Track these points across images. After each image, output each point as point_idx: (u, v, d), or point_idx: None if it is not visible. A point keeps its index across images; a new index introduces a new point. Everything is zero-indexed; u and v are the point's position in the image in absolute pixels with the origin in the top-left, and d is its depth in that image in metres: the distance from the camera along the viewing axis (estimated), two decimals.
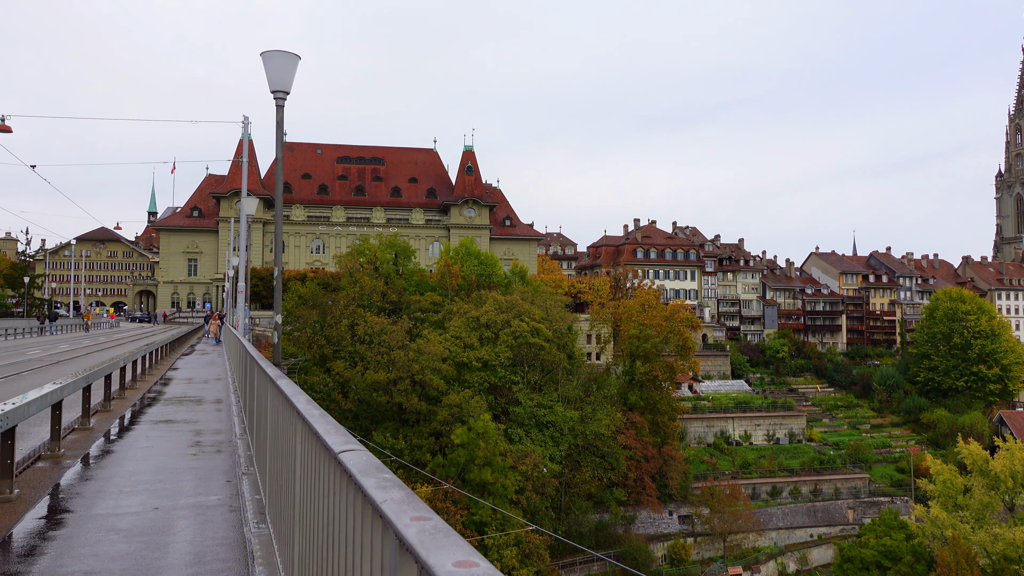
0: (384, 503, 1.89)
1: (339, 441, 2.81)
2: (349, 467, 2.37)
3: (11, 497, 7.43)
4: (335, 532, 2.84)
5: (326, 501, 3.04)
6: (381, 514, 1.89)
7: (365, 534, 2.23)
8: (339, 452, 2.60)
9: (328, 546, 3.02)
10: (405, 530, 1.66)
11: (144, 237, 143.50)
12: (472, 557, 1.43)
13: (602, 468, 56.77)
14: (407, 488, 2.02)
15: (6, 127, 25.39)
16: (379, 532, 2.02)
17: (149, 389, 18.10)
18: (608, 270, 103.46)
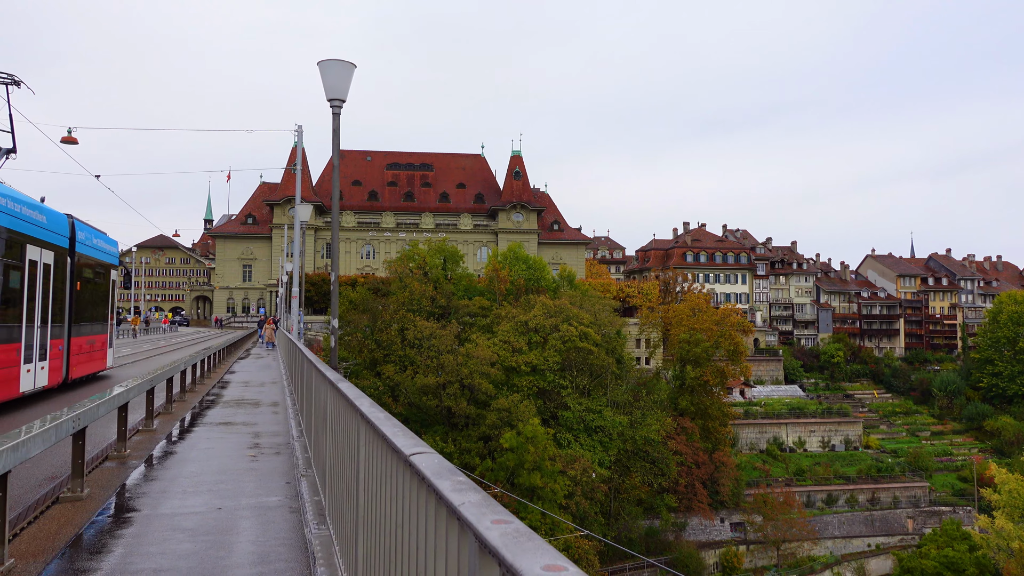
0: (462, 506, 1.90)
1: (409, 444, 2.83)
2: (422, 469, 2.38)
3: (82, 496, 7.67)
4: (404, 534, 2.86)
5: (394, 503, 3.06)
6: (459, 517, 1.89)
7: (439, 536, 2.24)
8: (410, 455, 2.62)
9: (396, 548, 3.05)
10: (487, 533, 1.66)
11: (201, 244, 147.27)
12: (560, 561, 1.42)
13: (652, 474, 56.19)
14: (483, 491, 2.02)
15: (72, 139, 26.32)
16: (455, 534, 2.02)
17: (208, 392, 18.52)
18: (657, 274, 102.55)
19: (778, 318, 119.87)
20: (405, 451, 2.71)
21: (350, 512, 4.80)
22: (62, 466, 9.21)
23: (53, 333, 16.85)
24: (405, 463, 2.74)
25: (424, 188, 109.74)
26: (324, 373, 6.79)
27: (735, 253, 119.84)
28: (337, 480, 5.75)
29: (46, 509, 7.25)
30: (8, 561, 5.49)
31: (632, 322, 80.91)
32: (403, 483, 2.81)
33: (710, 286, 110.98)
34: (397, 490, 2.98)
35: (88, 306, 19.84)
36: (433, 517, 2.31)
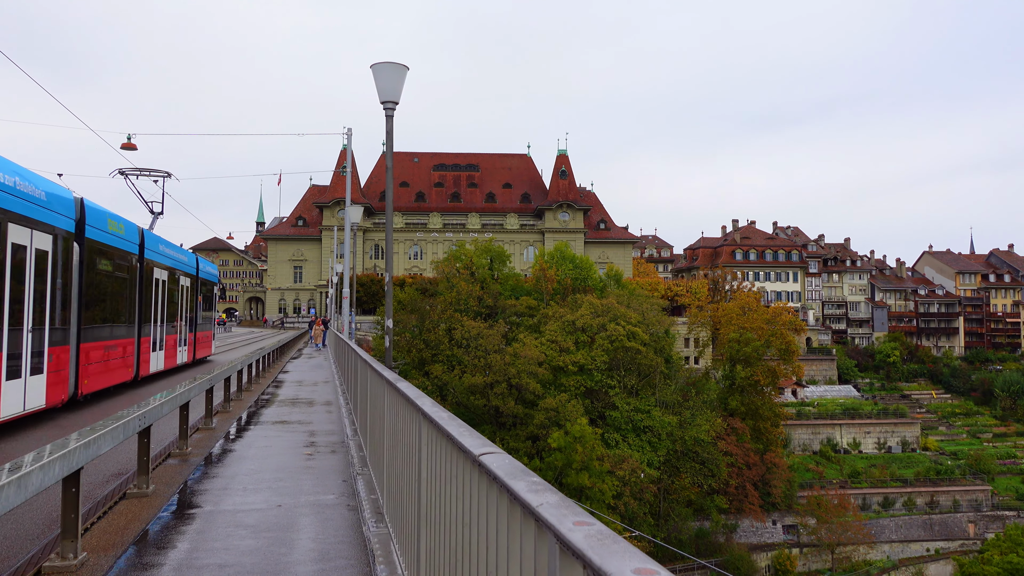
0: (541, 507, 1.89)
1: (477, 444, 2.83)
2: (494, 470, 2.38)
3: (147, 492, 7.88)
4: (471, 534, 2.86)
5: (460, 503, 3.07)
6: (538, 517, 1.88)
7: (513, 537, 2.24)
8: (479, 455, 2.62)
9: (463, 547, 3.05)
10: (570, 535, 1.65)
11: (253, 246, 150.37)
12: (650, 564, 1.40)
13: (702, 474, 55.53)
14: (559, 492, 2.01)
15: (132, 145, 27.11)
16: (532, 535, 2.02)
17: (263, 391, 18.89)
18: (706, 272, 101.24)
19: (831, 317, 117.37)
20: (474, 451, 2.71)
21: (410, 511, 4.84)
22: (127, 463, 9.48)
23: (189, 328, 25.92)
24: (474, 463, 2.74)
25: (471, 188, 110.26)
26: (381, 373, 6.85)
27: (786, 251, 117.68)
28: (395, 479, 5.80)
29: (114, 504, 7.47)
30: (81, 555, 5.67)
31: (680, 321, 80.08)
32: (471, 483, 2.82)
33: (760, 284, 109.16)
34: (464, 490, 2.99)
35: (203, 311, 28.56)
36: (506, 517, 2.30)
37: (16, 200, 12.33)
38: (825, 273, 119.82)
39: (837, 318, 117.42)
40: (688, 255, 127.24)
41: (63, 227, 14.23)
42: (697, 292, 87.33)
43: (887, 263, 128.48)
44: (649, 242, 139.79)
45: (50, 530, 6.66)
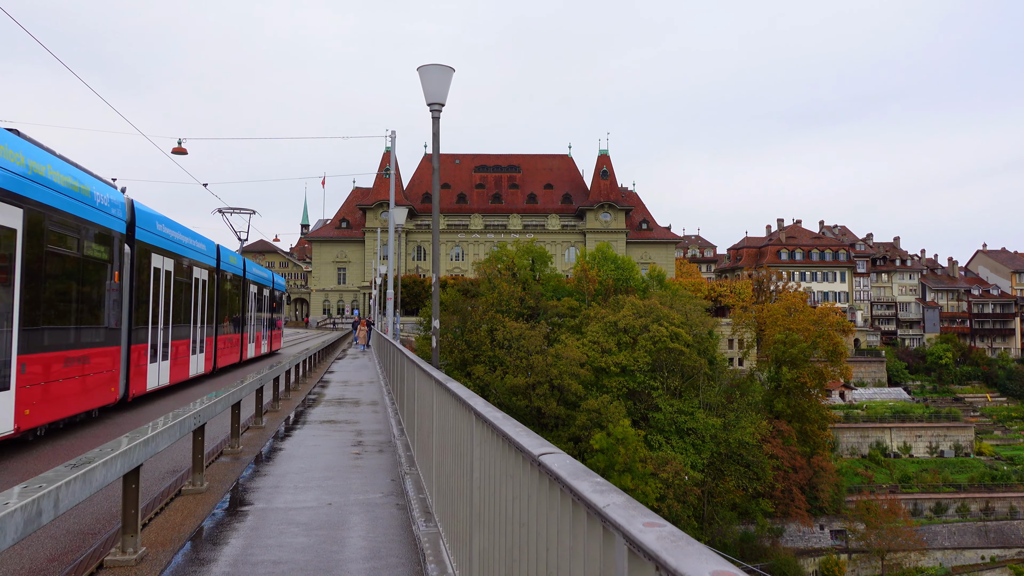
0: (607, 507, 1.87)
1: (535, 444, 2.83)
2: (555, 470, 2.37)
3: (202, 489, 8.05)
4: (529, 534, 2.86)
5: (518, 503, 3.07)
6: (605, 518, 1.87)
7: (576, 538, 2.23)
8: (539, 455, 2.61)
9: (520, 548, 3.05)
10: (641, 536, 1.63)
11: (298, 248, 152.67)
12: (728, 567, 1.38)
13: (747, 478, 54.73)
14: (624, 493, 1.99)
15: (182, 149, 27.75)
16: (598, 536, 2.00)
17: (310, 391, 19.16)
18: (750, 272, 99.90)
19: (880, 317, 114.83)
20: (533, 451, 2.70)
21: (462, 510, 4.86)
22: (180, 460, 9.70)
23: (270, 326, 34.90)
24: (533, 463, 2.74)
25: (512, 189, 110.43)
26: (430, 373, 6.90)
27: (833, 250, 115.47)
28: (445, 479, 5.83)
29: (170, 501, 7.65)
30: (141, 549, 5.82)
31: (724, 322, 79.07)
32: (530, 483, 2.81)
33: (806, 285, 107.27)
34: (522, 490, 2.99)
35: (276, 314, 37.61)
36: (569, 518, 2.30)
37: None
38: (874, 273, 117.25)
39: (886, 319, 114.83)
40: (732, 255, 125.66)
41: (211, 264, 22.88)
42: (741, 293, 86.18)
43: (938, 262, 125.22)
44: (692, 242, 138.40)
45: (107, 525, 6.84)
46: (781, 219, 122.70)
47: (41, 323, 10.70)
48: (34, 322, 10.45)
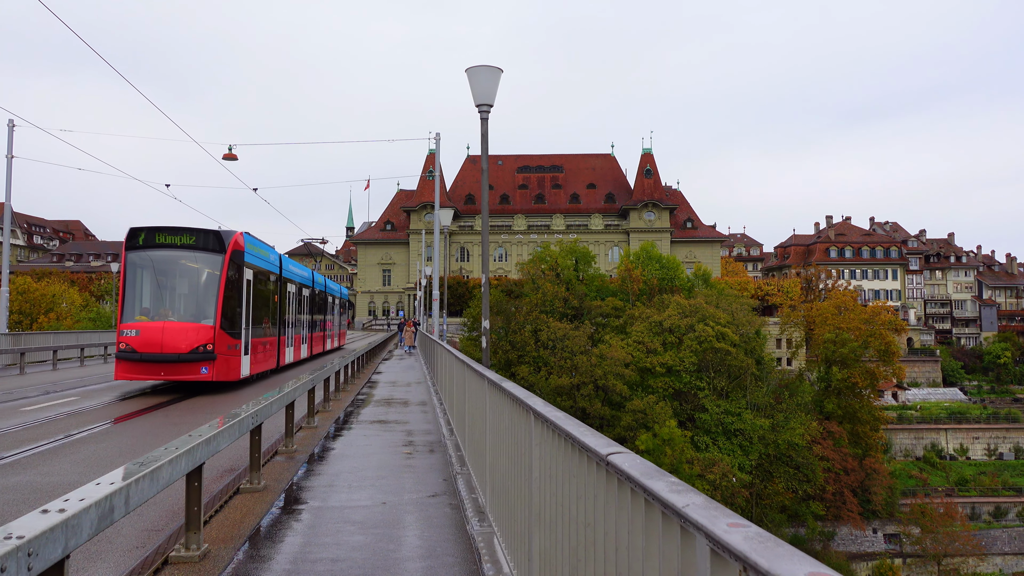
0: (687, 507, 1.85)
1: (602, 443, 2.82)
2: (627, 470, 2.36)
3: (259, 488, 8.20)
4: (596, 535, 2.84)
5: (583, 503, 3.06)
6: (685, 518, 1.85)
7: (651, 539, 2.21)
8: (608, 454, 2.60)
9: (584, 548, 3.04)
10: (726, 536, 1.61)
11: (344, 250, 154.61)
12: (823, 569, 1.35)
13: (796, 480, 53.80)
14: (702, 493, 1.97)
15: (232, 155, 28.33)
16: (675, 537, 1.98)
17: (359, 391, 19.39)
18: (798, 271, 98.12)
19: (934, 316, 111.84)
20: (601, 451, 2.69)
21: (519, 510, 4.86)
22: (236, 460, 9.88)
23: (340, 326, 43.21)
24: (600, 463, 2.73)
25: (554, 190, 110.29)
26: (483, 374, 6.92)
27: (884, 247, 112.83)
28: (500, 478, 5.84)
29: (229, 499, 7.80)
30: (204, 546, 5.95)
31: (772, 321, 77.81)
32: (597, 483, 2.80)
33: (856, 283, 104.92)
34: (587, 490, 2.98)
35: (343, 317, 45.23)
36: (641, 518, 2.28)
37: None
38: (927, 270, 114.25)
39: (941, 317, 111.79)
40: (779, 253, 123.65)
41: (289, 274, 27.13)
42: (789, 291, 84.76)
43: (996, 259, 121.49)
44: (737, 240, 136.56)
45: (168, 522, 7.00)
46: (830, 216, 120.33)
47: (279, 324, 24.53)
48: (274, 324, 23.94)
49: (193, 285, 18.76)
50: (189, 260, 18.76)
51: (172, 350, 17.53)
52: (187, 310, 18.45)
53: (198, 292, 18.61)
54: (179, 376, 17.88)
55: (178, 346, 17.54)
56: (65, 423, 13.27)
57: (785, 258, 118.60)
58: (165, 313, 18.35)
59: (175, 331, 17.74)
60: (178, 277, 18.90)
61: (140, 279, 18.60)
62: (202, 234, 18.77)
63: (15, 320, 58.55)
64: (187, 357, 17.60)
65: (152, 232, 18.60)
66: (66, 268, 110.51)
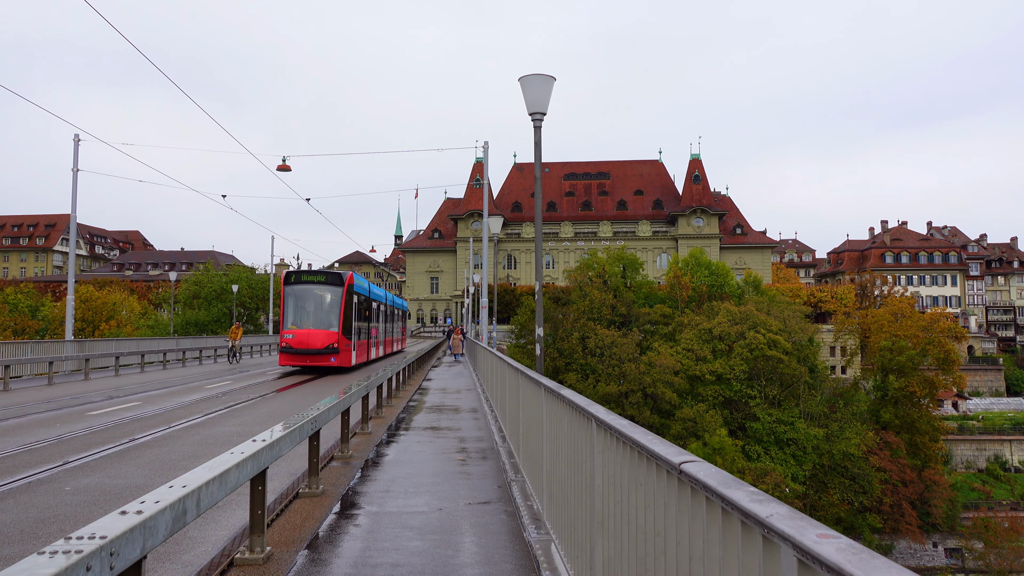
0: (771, 517, 1.83)
1: (673, 452, 2.80)
2: (703, 479, 2.34)
3: (318, 492, 8.33)
4: (667, 544, 2.83)
5: (652, 512, 3.04)
6: (770, 529, 1.83)
7: (728, 549, 2.19)
8: (680, 463, 2.59)
9: (654, 558, 3.02)
10: (817, 548, 1.59)
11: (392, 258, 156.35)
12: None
13: (852, 491, 52.51)
14: (784, 503, 1.95)
15: (286, 166, 28.93)
16: (756, 548, 1.97)
17: (410, 398, 19.57)
18: (852, 277, 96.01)
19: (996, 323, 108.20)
20: (672, 459, 2.68)
21: (580, 519, 4.85)
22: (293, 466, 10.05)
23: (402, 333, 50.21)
24: (671, 471, 2.72)
25: (601, 196, 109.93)
26: (539, 381, 6.93)
27: (942, 252, 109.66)
28: (559, 486, 5.84)
29: (289, 503, 7.95)
30: (267, 549, 6.07)
31: (825, 329, 76.25)
32: (668, 492, 2.79)
33: (914, 289, 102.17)
34: (656, 498, 2.96)
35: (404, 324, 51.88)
36: (718, 528, 2.26)
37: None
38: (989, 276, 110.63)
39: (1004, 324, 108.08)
40: (832, 259, 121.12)
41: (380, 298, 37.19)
42: (843, 298, 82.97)
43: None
44: (789, 246, 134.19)
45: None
46: (885, 221, 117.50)
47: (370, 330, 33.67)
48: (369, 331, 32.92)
49: (324, 306, 27.77)
50: (321, 291, 27.93)
51: (313, 346, 26.77)
52: (321, 321, 27.42)
53: (327, 310, 27.65)
54: (317, 362, 27.00)
55: (316, 344, 26.80)
56: (129, 427, 13.67)
57: (839, 264, 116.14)
58: (308, 323, 27.42)
59: (315, 335, 26.94)
60: (315, 301, 27.91)
61: (292, 302, 27.75)
62: (329, 274, 28.78)
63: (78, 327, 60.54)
64: (322, 351, 26.80)
65: (299, 273, 28.96)
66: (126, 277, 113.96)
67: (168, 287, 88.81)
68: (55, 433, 12.90)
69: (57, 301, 78.03)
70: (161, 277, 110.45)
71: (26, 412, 16.06)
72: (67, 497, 8.15)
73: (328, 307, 27.61)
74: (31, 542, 6.47)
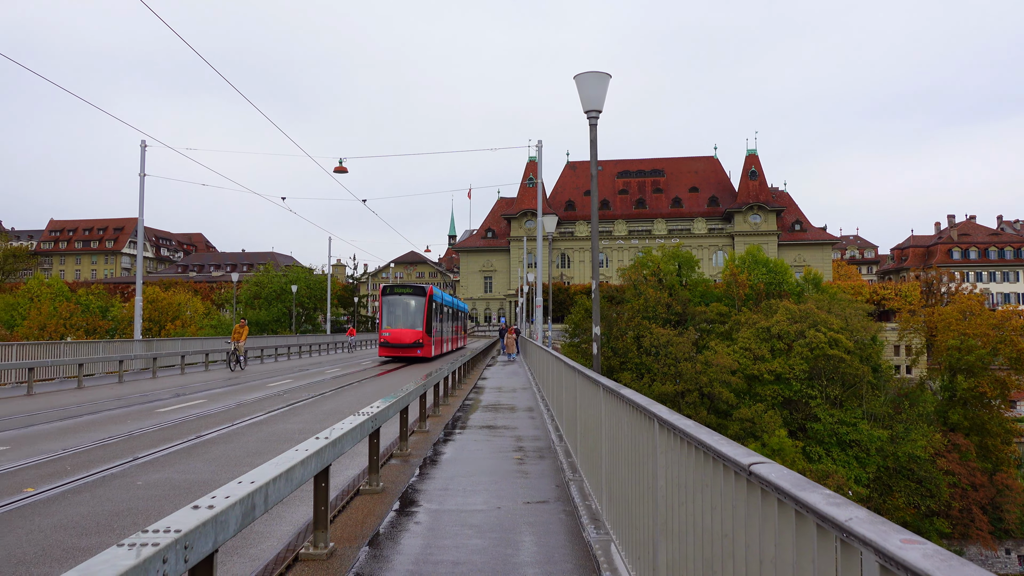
0: (850, 521, 1.79)
1: (741, 453, 2.76)
2: (774, 480, 2.30)
3: (378, 490, 8.45)
4: (736, 547, 2.78)
5: (719, 514, 3.00)
6: (849, 533, 1.78)
7: (803, 553, 2.14)
8: (749, 464, 2.54)
9: (721, 560, 2.98)
10: (902, 554, 1.54)
11: (446, 258, 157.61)
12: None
13: (919, 495, 50.91)
14: (862, 507, 1.90)
15: (343, 168, 29.40)
16: (831, 552, 1.92)
17: (466, 397, 19.70)
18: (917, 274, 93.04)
19: None
20: (742, 460, 2.64)
21: (641, 520, 4.81)
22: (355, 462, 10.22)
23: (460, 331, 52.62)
24: (740, 472, 2.67)
25: (655, 194, 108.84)
26: (598, 381, 6.90)
27: (1015, 247, 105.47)
28: (619, 486, 5.80)
29: (350, 500, 8.07)
30: (330, 544, 6.17)
31: (889, 327, 74.08)
32: (737, 494, 2.74)
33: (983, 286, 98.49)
34: (724, 500, 2.92)
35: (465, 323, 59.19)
36: (792, 532, 2.21)
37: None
38: None
39: None
40: (896, 255, 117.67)
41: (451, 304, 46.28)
42: (908, 295, 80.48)
43: None
44: (850, 243, 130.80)
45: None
46: (951, 215, 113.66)
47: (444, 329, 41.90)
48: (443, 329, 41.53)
49: (411, 311, 35.89)
50: (409, 299, 36.19)
51: (404, 341, 35.29)
52: (409, 323, 35.75)
53: (414, 314, 35.86)
54: (407, 353, 35.47)
55: (407, 340, 35.31)
56: (195, 424, 14.09)
57: (903, 260, 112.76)
58: (400, 324, 35.70)
59: (405, 333, 35.42)
60: (404, 307, 36.00)
61: (388, 308, 36.02)
62: (415, 287, 37.29)
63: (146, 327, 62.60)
64: (410, 345, 35.32)
65: (393, 287, 37.42)
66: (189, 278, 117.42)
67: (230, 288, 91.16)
68: (126, 429, 13.36)
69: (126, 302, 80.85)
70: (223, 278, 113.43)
71: (99, 409, 16.69)
72: (139, 491, 8.44)
73: (414, 312, 35.71)
74: (106, 534, 6.71)
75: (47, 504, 7.82)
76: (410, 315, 35.59)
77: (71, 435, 12.74)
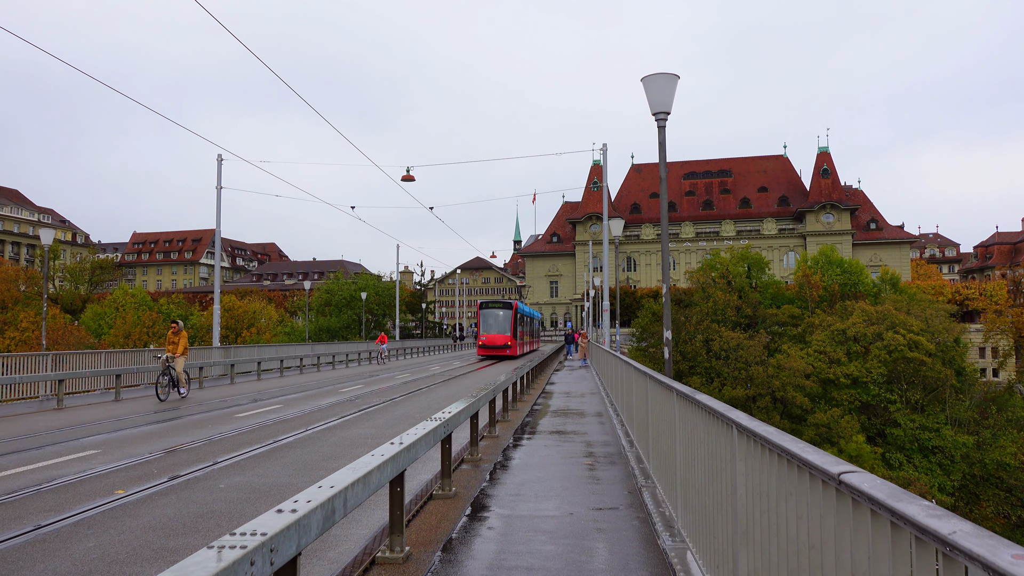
0: (954, 535, 1.71)
1: (829, 461, 2.68)
2: (867, 490, 2.22)
3: (450, 495, 8.52)
4: (825, 558, 2.70)
5: (805, 524, 2.92)
6: (953, 547, 1.71)
7: (899, 567, 2.07)
8: (839, 473, 2.47)
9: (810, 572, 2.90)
10: (1014, 570, 1.46)
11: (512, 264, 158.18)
12: None
13: (1009, 504, 48.57)
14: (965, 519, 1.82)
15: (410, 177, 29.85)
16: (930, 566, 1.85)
17: (534, 402, 19.70)
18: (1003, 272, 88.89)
19: None
20: (830, 469, 2.56)
21: (720, 528, 4.73)
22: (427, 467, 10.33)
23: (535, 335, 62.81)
24: (828, 481, 2.60)
25: (723, 195, 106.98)
26: (671, 386, 6.82)
27: None
28: (695, 494, 5.71)
29: (424, 505, 8.16)
30: (406, 548, 6.25)
31: (974, 328, 70.94)
32: (826, 503, 2.66)
33: None
34: (811, 510, 2.84)
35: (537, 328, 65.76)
36: (887, 544, 2.14)
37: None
38: None
39: None
40: (979, 253, 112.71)
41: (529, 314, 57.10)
42: (993, 295, 76.93)
43: None
44: (930, 241, 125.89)
45: None
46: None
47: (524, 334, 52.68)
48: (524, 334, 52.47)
49: (501, 320, 45.86)
50: (500, 311, 46.12)
51: (497, 344, 45.26)
52: (501, 329, 45.61)
53: (503, 323, 45.78)
54: (499, 353, 45.21)
55: (499, 343, 45.29)
56: (273, 429, 14.48)
57: (987, 258, 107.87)
58: (493, 331, 45.52)
59: (498, 337, 45.41)
60: (495, 317, 45.89)
61: (484, 319, 45.88)
62: (504, 302, 47.23)
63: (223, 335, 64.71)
64: (501, 347, 45.20)
65: (487, 302, 47.36)
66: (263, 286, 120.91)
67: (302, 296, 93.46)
68: (207, 434, 13.84)
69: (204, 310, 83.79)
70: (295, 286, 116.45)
71: (181, 415, 17.33)
72: (221, 494, 8.72)
73: (503, 321, 45.70)
74: (192, 535, 6.95)
75: (136, 506, 8.15)
76: (500, 323, 45.50)
77: (156, 439, 13.26)
